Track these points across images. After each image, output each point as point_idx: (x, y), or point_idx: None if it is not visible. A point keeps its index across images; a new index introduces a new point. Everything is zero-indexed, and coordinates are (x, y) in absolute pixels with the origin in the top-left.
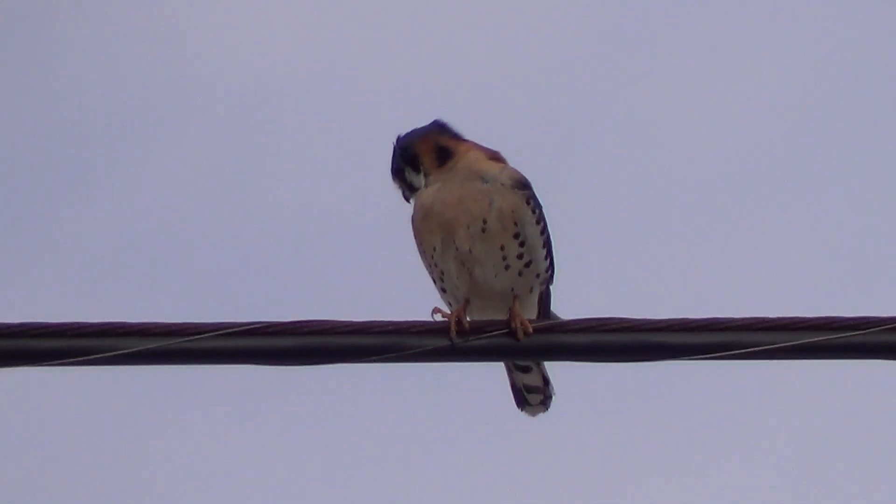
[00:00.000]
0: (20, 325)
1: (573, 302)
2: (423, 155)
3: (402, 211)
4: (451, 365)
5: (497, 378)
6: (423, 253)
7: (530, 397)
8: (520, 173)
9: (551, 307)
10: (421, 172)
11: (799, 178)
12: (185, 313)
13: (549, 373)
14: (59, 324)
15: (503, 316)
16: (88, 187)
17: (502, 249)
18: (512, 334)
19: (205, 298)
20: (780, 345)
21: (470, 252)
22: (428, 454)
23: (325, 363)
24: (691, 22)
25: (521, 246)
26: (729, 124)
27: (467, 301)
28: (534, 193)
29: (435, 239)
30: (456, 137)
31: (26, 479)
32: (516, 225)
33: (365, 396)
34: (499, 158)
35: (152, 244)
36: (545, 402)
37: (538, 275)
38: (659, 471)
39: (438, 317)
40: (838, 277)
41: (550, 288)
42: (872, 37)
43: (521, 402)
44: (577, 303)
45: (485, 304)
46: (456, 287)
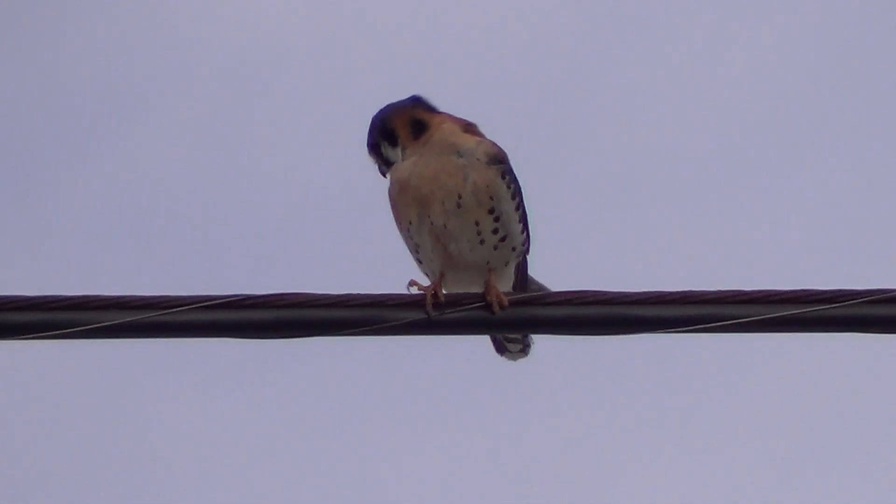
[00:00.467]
0: None
1: (550, 275)
2: (399, 129)
3: (379, 184)
4: (428, 337)
5: (478, 345)
6: (400, 226)
7: (510, 346)
8: (496, 146)
9: (529, 274)
10: (398, 146)
11: (774, 152)
12: (163, 286)
13: (532, 339)
14: (36, 297)
15: (479, 289)
16: (64, 160)
17: (477, 224)
18: (488, 307)
19: (183, 271)
20: (757, 317)
21: (444, 227)
22: (407, 426)
23: (303, 336)
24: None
25: (496, 221)
26: (704, 99)
27: (443, 274)
28: (510, 167)
29: (411, 213)
30: (431, 110)
31: (2, 455)
32: (492, 199)
33: (342, 369)
34: (474, 131)
35: (130, 216)
36: (524, 350)
37: (514, 248)
38: (636, 443)
39: (414, 289)
40: (815, 250)
41: (527, 258)
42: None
43: (501, 349)
44: (554, 275)
45: (460, 277)
46: (431, 260)
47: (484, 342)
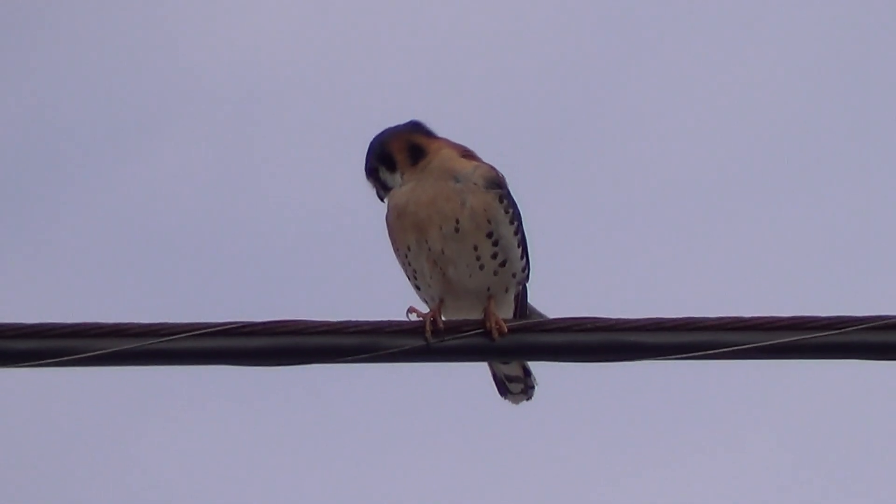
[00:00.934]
0: None
1: (549, 301)
2: (397, 153)
3: (377, 210)
4: (427, 364)
5: (477, 373)
6: (398, 252)
7: (511, 386)
8: (494, 171)
9: (528, 302)
10: (397, 171)
11: (775, 179)
12: (161, 313)
13: (532, 366)
14: (35, 324)
15: (478, 315)
16: (62, 187)
17: (476, 249)
18: (487, 334)
19: (181, 299)
20: (756, 344)
21: (442, 252)
22: (405, 454)
23: (301, 363)
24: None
25: (495, 245)
26: (705, 122)
27: (442, 301)
28: (508, 192)
29: (409, 239)
30: (429, 135)
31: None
32: (490, 223)
33: (340, 396)
34: (471, 155)
35: (128, 244)
36: (527, 392)
37: (514, 274)
38: (635, 469)
39: (414, 316)
40: (814, 277)
41: (526, 286)
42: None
43: (504, 392)
44: (554, 302)
45: (459, 304)
46: (429, 286)
47: (483, 369)
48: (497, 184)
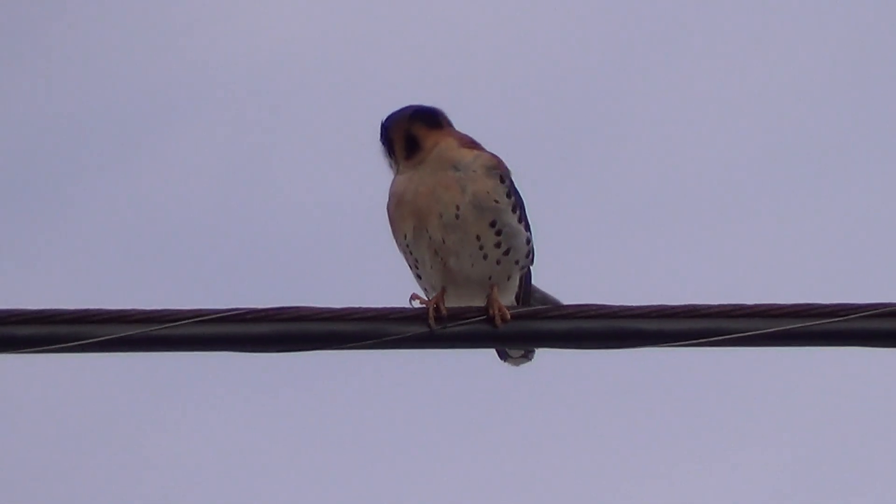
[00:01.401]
0: None
1: (552, 288)
2: (396, 142)
3: (381, 198)
4: (431, 351)
5: (481, 360)
6: (397, 240)
7: (512, 351)
8: (496, 159)
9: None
10: (394, 157)
11: (776, 166)
12: (164, 300)
13: (535, 353)
14: (38, 310)
15: (480, 302)
16: (66, 176)
17: (478, 239)
18: (490, 321)
19: (184, 285)
20: (759, 331)
21: (443, 242)
22: (409, 440)
23: (304, 350)
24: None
25: (498, 235)
26: (707, 115)
27: (444, 288)
28: (511, 181)
29: (406, 227)
30: (432, 126)
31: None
32: (496, 203)
33: (344, 383)
34: (473, 145)
35: (130, 230)
36: (527, 355)
37: (517, 261)
38: (638, 456)
39: (416, 303)
40: (817, 264)
41: (530, 269)
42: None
43: (504, 356)
44: (557, 289)
45: (461, 292)
46: (430, 276)
47: (487, 355)
48: (497, 170)
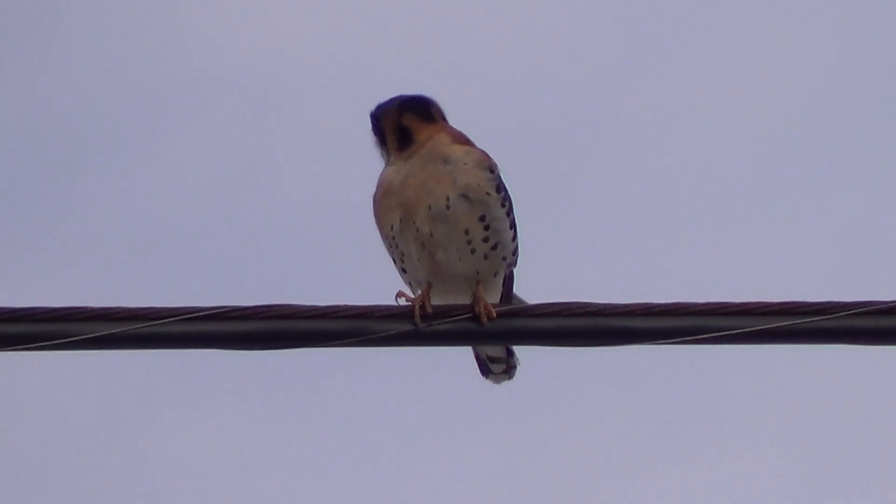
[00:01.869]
0: None
1: (537, 286)
2: (387, 133)
3: (366, 196)
4: (416, 349)
5: (465, 358)
6: (382, 232)
7: (493, 367)
8: (486, 157)
9: (514, 290)
10: (385, 148)
11: (763, 164)
12: (150, 297)
13: (520, 351)
14: (22, 308)
15: (465, 299)
16: (50, 175)
17: (467, 233)
18: (476, 319)
19: (169, 283)
20: (746, 329)
21: (431, 235)
22: (394, 438)
23: (290, 347)
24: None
25: (487, 230)
26: (694, 112)
27: (430, 284)
28: (499, 176)
29: (393, 217)
30: (424, 119)
31: None
32: (488, 195)
33: (329, 381)
34: (465, 142)
35: (116, 229)
36: (509, 372)
37: (504, 258)
38: (624, 454)
39: (402, 301)
40: (804, 262)
41: (514, 271)
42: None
43: (486, 371)
44: (542, 287)
45: (447, 288)
46: (416, 270)
47: (469, 353)
48: (488, 166)
